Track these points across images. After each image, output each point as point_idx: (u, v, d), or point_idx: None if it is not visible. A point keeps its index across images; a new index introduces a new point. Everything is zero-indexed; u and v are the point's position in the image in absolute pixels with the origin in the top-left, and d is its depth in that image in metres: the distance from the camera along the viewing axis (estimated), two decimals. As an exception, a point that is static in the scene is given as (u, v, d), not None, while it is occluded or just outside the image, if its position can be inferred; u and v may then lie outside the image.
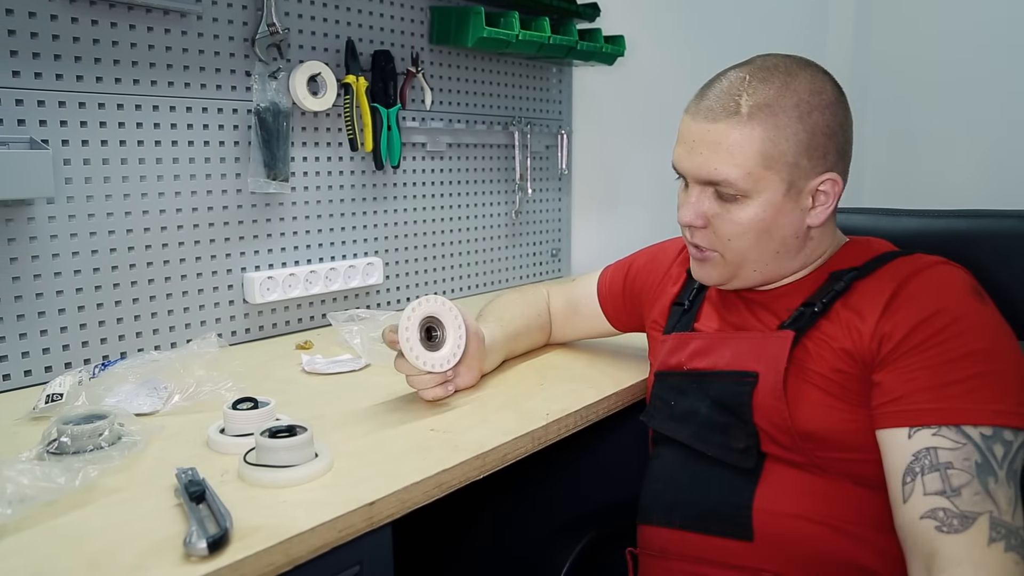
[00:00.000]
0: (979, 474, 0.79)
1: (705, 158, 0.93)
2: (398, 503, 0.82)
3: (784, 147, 0.91)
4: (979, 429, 0.81)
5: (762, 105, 0.90)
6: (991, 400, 0.82)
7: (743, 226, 0.94)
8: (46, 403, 1.03)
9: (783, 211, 0.93)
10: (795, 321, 0.96)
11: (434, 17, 1.72)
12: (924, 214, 1.23)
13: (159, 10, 1.28)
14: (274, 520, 0.75)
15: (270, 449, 0.84)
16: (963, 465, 0.80)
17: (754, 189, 0.92)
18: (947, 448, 0.81)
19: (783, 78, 0.92)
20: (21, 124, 1.15)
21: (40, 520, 0.75)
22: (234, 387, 1.10)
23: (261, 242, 1.48)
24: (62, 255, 1.21)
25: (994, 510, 0.78)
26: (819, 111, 0.92)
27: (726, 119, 0.91)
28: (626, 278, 1.25)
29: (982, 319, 0.87)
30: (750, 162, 0.91)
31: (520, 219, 2.03)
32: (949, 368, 0.84)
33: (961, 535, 0.78)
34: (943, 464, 0.80)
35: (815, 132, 0.91)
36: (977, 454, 0.80)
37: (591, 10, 1.94)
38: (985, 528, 0.77)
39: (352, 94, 1.54)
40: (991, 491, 0.79)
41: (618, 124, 2.34)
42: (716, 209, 0.95)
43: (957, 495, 0.79)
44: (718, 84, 0.95)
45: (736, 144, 0.91)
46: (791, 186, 0.92)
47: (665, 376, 1.07)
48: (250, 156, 1.42)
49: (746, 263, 0.97)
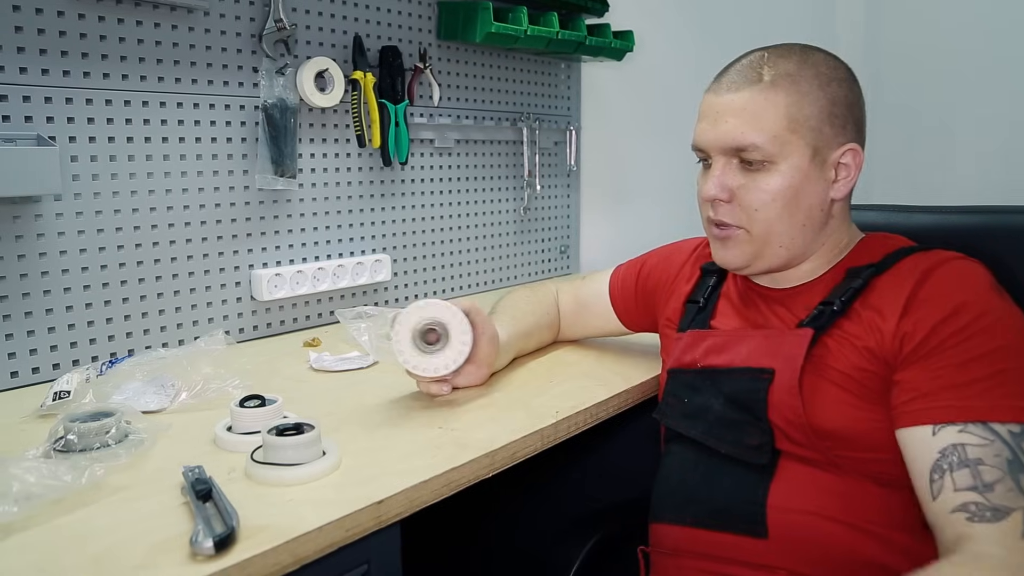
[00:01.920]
0: (1011, 470, 0.78)
1: (731, 125, 0.94)
2: (406, 502, 0.82)
3: (808, 111, 0.92)
4: (1007, 426, 0.79)
5: (784, 74, 0.93)
6: (1016, 396, 0.81)
7: (770, 194, 0.94)
8: (53, 400, 1.02)
9: (809, 178, 0.94)
10: (814, 319, 0.94)
11: (442, 12, 1.71)
12: (937, 210, 1.21)
13: (166, 6, 1.28)
14: (281, 519, 0.74)
15: (277, 447, 0.83)
16: (994, 461, 0.78)
17: (780, 154, 0.92)
18: (975, 444, 0.79)
19: (801, 55, 0.95)
20: (28, 121, 1.14)
21: (46, 518, 0.75)
22: (241, 385, 1.09)
23: (269, 239, 1.47)
24: (69, 252, 1.20)
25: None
26: (837, 83, 0.94)
27: (750, 87, 0.93)
28: (638, 277, 1.24)
29: (1003, 315, 0.86)
30: (776, 126, 0.92)
31: (528, 216, 2.02)
32: (972, 365, 0.83)
33: (994, 524, 0.76)
34: (973, 460, 0.79)
35: (835, 101, 0.94)
36: (1007, 451, 0.78)
37: (600, 5, 1.92)
38: (1019, 522, 0.75)
39: (360, 90, 1.53)
40: (1022, 487, 0.77)
41: (627, 120, 2.33)
42: (741, 180, 0.95)
43: (990, 490, 0.77)
44: (737, 63, 0.98)
45: (762, 108, 0.92)
46: (816, 152, 0.93)
47: (679, 373, 1.06)
48: (257, 153, 1.42)
49: (772, 237, 0.96)
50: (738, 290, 1.07)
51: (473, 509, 1.39)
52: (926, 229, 1.17)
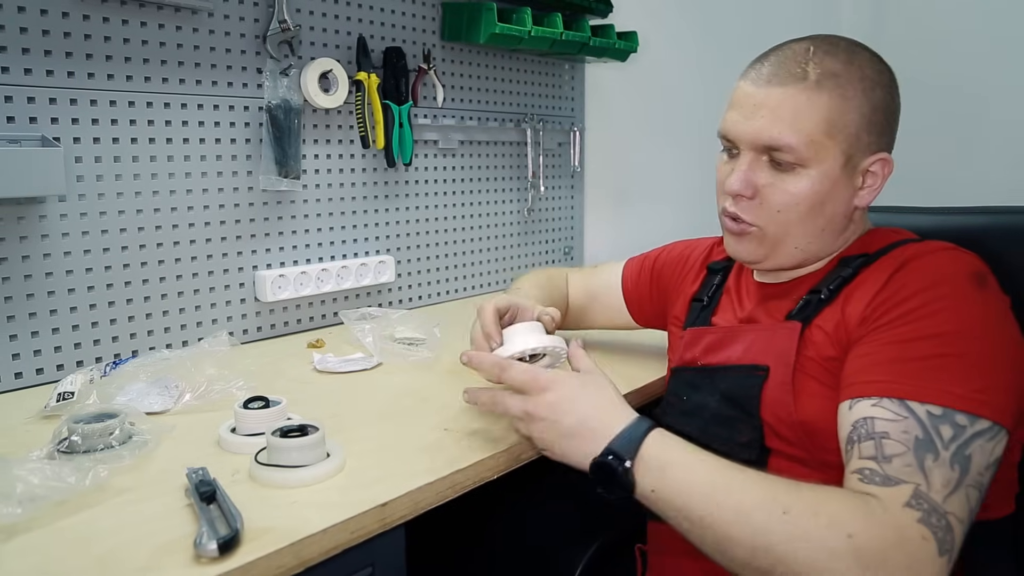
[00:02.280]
0: (916, 449, 0.74)
1: (767, 122, 0.89)
2: (411, 504, 0.81)
3: (849, 118, 0.89)
4: (926, 407, 0.76)
5: (830, 74, 0.88)
6: (948, 382, 0.77)
7: (796, 197, 0.90)
8: (57, 401, 1.02)
9: (837, 186, 0.90)
10: (801, 310, 0.93)
11: (446, 13, 1.71)
12: (941, 211, 1.20)
13: (171, 7, 1.28)
14: (285, 521, 0.74)
15: (281, 449, 0.83)
16: (900, 437, 0.75)
17: (814, 158, 0.89)
18: (885, 419, 0.77)
19: (847, 53, 0.90)
20: (33, 122, 1.14)
21: (50, 520, 0.75)
22: (245, 386, 1.09)
23: (272, 240, 1.47)
24: (74, 253, 1.20)
25: (923, 484, 0.73)
26: (881, 88, 0.90)
27: (793, 84, 0.89)
28: (652, 271, 1.23)
29: (967, 303, 0.82)
30: (814, 129, 0.88)
31: (532, 217, 2.01)
32: (913, 345, 0.80)
33: (882, 488, 0.73)
34: (879, 433, 0.76)
35: (877, 108, 0.90)
36: (919, 429, 0.75)
37: (604, 6, 1.92)
38: (907, 495, 0.72)
39: (364, 91, 1.53)
40: (926, 467, 0.73)
41: (631, 121, 2.32)
42: (768, 179, 0.92)
43: (887, 462, 0.74)
44: (780, 52, 0.93)
45: (802, 109, 0.88)
46: (848, 160, 0.90)
47: (680, 372, 1.06)
48: (261, 154, 1.42)
49: (788, 239, 0.93)
50: (738, 286, 1.06)
51: (478, 511, 1.38)
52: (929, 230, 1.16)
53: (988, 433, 0.76)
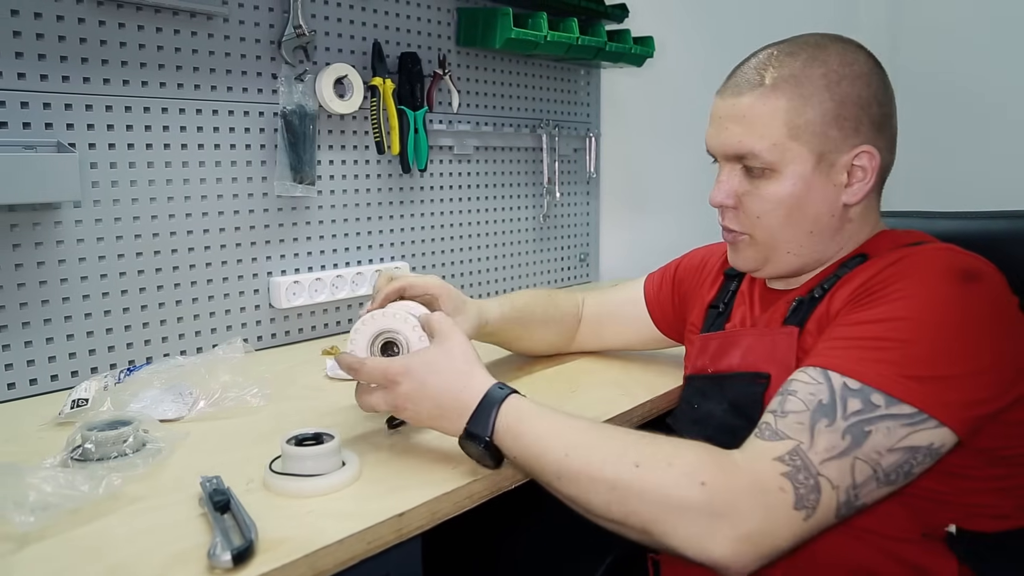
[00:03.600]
0: (815, 410, 0.75)
1: (731, 132, 0.91)
2: (428, 514, 0.80)
3: (810, 116, 0.88)
4: (844, 379, 0.76)
5: (787, 76, 0.89)
6: (879, 362, 0.76)
7: (772, 202, 0.91)
8: (71, 408, 1.02)
9: (814, 186, 0.90)
10: (794, 313, 0.92)
11: (461, 18, 1.70)
12: (960, 216, 1.18)
13: (186, 12, 1.27)
14: (300, 531, 0.73)
15: (296, 457, 0.82)
16: (805, 397, 0.76)
17: (781, 161, 0.89)
18: (802, 381, 0.78)
19: (811, 51, 0.90)
20: (48, 128, 1.14)
21: (62, 529, 0.74)
22: (260, 393, 1.08)
23: (287, 246, 1.46)
24: (88, 259, 1.20)
25: (805, 443, 0.74)
26: (849, 80, 0.89)
27: (750, 91, 0.90)
28: (674, 279, 1.22)
29: (933, 295, 0.79)
30: (775, 133, 0.88)
31: (548, 223, 2.00)
32: (862, 327, 0.80)
33: (764, 441, 0.76)
34: (789, 391, 0.78)
35: (844, 101, 0.88)
36: (827, 395, 0.75)
37: (620, 11, 1.91)
38: (783, 450, 0.74)
39: (379, 96, 1.52)
40: (815, 430, 0.74)
41: (647, 126, 2.31)
42: (746, 187, 0.93)
43: (783, 417, 0.76)
44: (746, 63, 0.95)
45: (760, 115, 0.89)
46: (821, 158, 0.89)
47: (693, 379, 1.06)
48: (276, 159, 1.41)
49: (778, 244, 0.93)
50: (751, 292, 1.05)
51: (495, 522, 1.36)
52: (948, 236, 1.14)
53: (906, 419, 0.74)
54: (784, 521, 0.71)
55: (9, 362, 1.14)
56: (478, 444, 0.83)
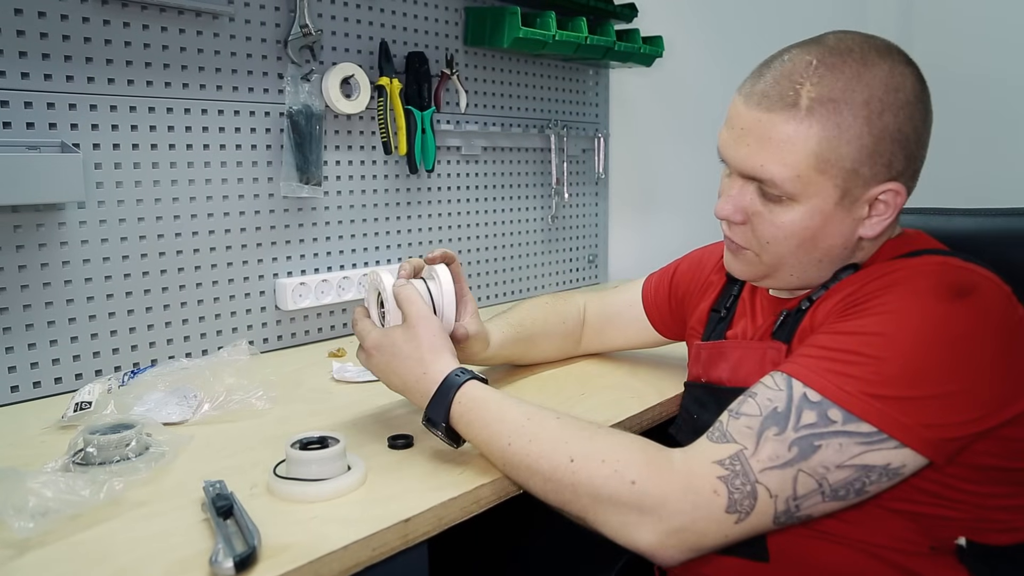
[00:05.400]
0: (767, 417, 0.74)
1: (752, 151, 0.82)
2: (434, 520, 0.78)
3: (843, 151, 0.79)
4: (806, 389, 0.74)
5: (825, 99, 0.79)
6: (844, 377, 0.73)
7: (784, 231, 0.84)
8: (75, 411, 1.01)
9: (832, 221, 0.83)
10: (781, 327, 0.90)
11: (469, 18, 1.69)
12: (979, 213, 1.16)
13: (191, 12, 1.26)
14: (304, 537, 0.71)
15: (301, 461, 0.80)
16: (762, 402, 0.76)
17: (803, 193, 0.81)
18: (764, 385, 0.78)
19: (856, 68, 0.79)
20: (52, 128, 1.13)
21: (63, 535, 0.72)
22: (265, 396, 1.07)
23: (293, 247, 1.45)
24: (93, 260, 1.19)
25: (748, 450, 0.73)
26: (892, 112, 0.79)
27: (782, 110, 0.80)
28: (672, 282, 1.20)
29: (915, 311, 0.75)
30: (801, 164, 0.80)
31: (556, 224, 1.98)
32: (836, 338, 0.78)
33: (710, 443, 0.76)
34: (750, 394, 0.78)
35: (882, 137, 0.80)
36: (783, 404, 0.74)
37: (628, 10, 1.89)
38: (724, 453, 0.74)
39: (386, 96, 1.51)
40: (762, 437, 0.73)
41: (656, 127, 2.29)
42: (757, 207, 0.85)
43: (736, 418, 0.76)
44: (779, 64, 0.83)
45: (788, 141, 0.79)
46: (845, 194, 0.81)
47: (691, 387, 1.04)
48: (282, 160, 1.40)
49: (783, 267, 0.88)
50: (754, 299, 1.02)
51: (502, 527, 1.35)
52: (966, 233, 1.12)
53: (863, 437, 0.72)
54: (713, 522, 0.73)
55: (12, 364, 1.13)
56: (436, 427, 0.88)
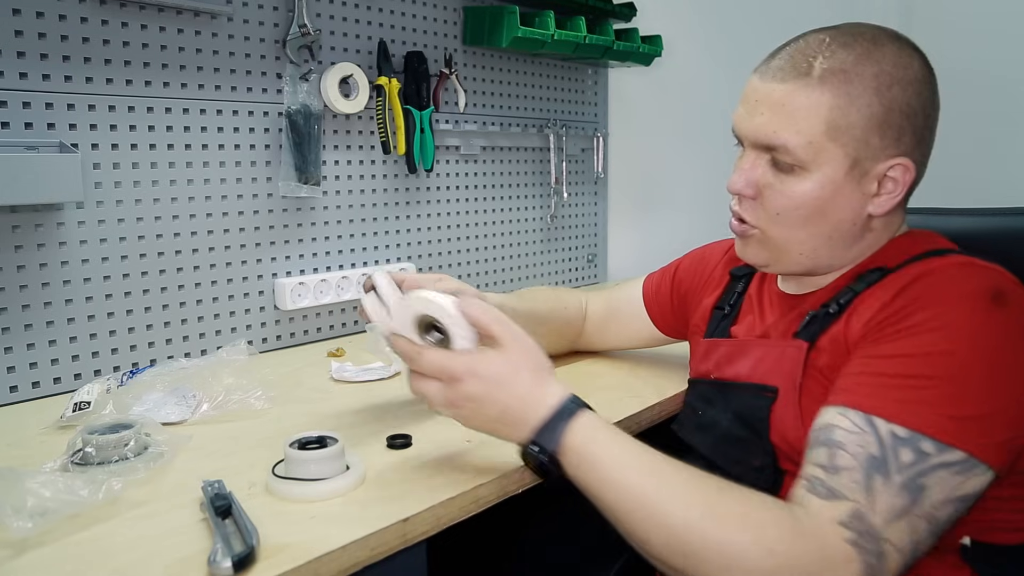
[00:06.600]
0: (867, 466, 0.71)
1: (765, 120, 0.85)
2: (433, 519, 0.78)
3: (854, 118, 0.82)
4: (891, 426, 0.71)
5: (837, 70, 0.82)
6: (924, 404, 0.72)
7: (795, 201, 0.85)
8: (73, 411, 1.01)
9: (842, 191, 0.84)
10: (807, 327, 0.89)
11: (467, 17, 1.69)
12: (978, 212, 1.15)
13: (189, 11, 1.26)
14: (303, 537, 0.71)
15: (299, 461, 0.80)
16: (854, 451, 0.72)
17: (814, 161, 0.83)
18: (845, 429, 0.73)
19: (867, 45, 0.83)
20: (51, 128, 1.13)
21: (61, 535, 0.72)
22: (264, 396, 1.07)
23: (292, 247, 1.45)
24: (91, 260, 1.19)
25: (864, 505, 0.69)
26: (900, 86, 0.82)
27: (795, 79, 0.83)
28: (673, 280, 1.20)
29: (970, 324, 0.75)
30: (814, 129, 0.82)
31: (555, 223, 1.98)
32: (898, 361, 0.75)
33: (821, 500, 0.71)
34: (835, 443, 0.73)
35: (892, 108, 0.82)
36: (876, 447, 0.71)
37: (627, 10, 1.89)
38: (844, 512, 0.69)
39: (384, 96, 1.51)
40: (873, 488, 0.70)
41: (655, 126, 2.29)
42: (770, 179, 0.87)
43: (835, 473, 0.71)
44: (793, 44, 0.87)
45: (801, 108, 0.82)
46: (855, 164, 0.83)
47: (696, 383, 1.03)
48: (281, 159, 1.40)
49: (791, 245, 0.88)
50: (760, 295, 1.02)
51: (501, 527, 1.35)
52: (965, 233, 1.11)
53: (958, 466, 0.70)
54: None
55: (11, 364, 1.13)
56: (541, 456, 0.78)
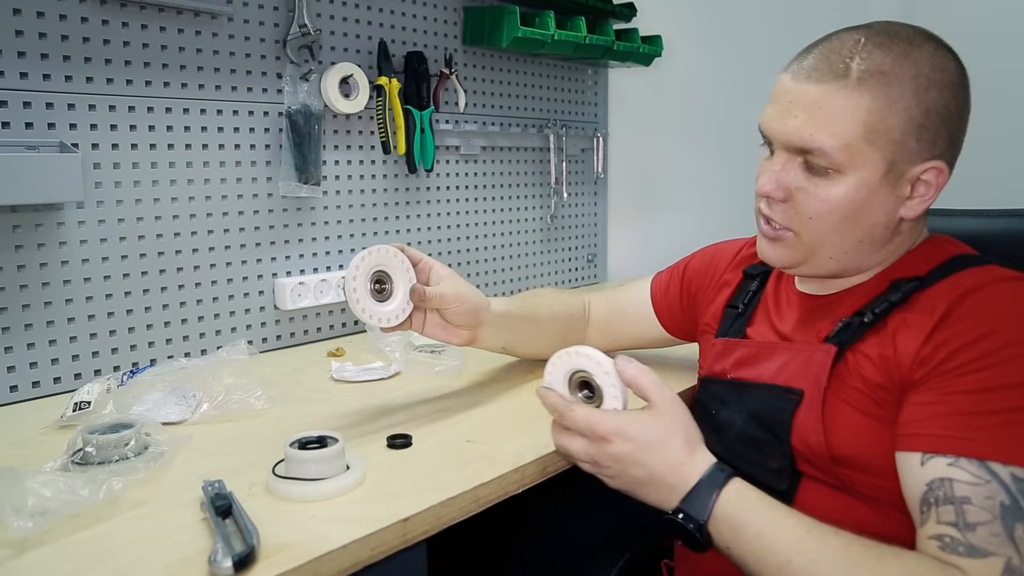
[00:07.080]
0: (1004, 516, 0.69)
1: (801, 122, 0.83)
2: (433, 519, 0.78)
3: (892, 122, 0.81)
4: (1010, 469, 0.70)
5: (875, 71, 0.80)
6: None
7: (829, 205, 0.84)
8: (74, 411, 1.01)
9: (877, 195, 0.83)
10: (840, 333, 0.88)
11: (468, 17, 1.69)
12: (983, 214, 1.16)
13: (190, 11, 1.26)
14: (303, 536, 0.71)
15: (300, 461, 0.80)
16: (984, 503, 0.70)
17: (849, 164, 0.82)
18: (965, 482, 0.71)
19: (904, 47, 0.82)
20: (51, 128, 1.13)
21: (61, 534, 0.72)
22: (264, 395, 1.07)
23: (292, 247, 1.45)
24: (92, 260, 1.19)
25: (1015, 557, 0.68)
26: (938, 89, 0.81)
27: (833, 81, 0.81)
28: (683, 279, 1.18)
29: None
30: (851, 132, 0.81)
31: (555, 224, 1.98)
32: (987, 397, 0.74)
33: (968, 559, 0.69)
34: (959, 498, 0.71)
35: (930, 111, 0.81)
36: (1004, 494, 0.69)
37: (627, 10, 1.89)
38: (997, 569, 0.68)
39: (385, 96, 1.51)
40: (1017, 538, 0.68)
41: (655, 126, 2.29)
42: (802, 182, 0.85)
43: (971, 530, 0.69)
44: (826, 43, 0.85)
45: (839, 110, 0.81)
46: (891, 167, 0.82)
47: (709, 383, 1.02)
48: (281, 159, 1.40)
49: (823, 248, 0.87)
50: (776, 296, 1.01)
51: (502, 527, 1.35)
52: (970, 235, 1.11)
53: None
54: None
55: (11, 364, 1.13)
56: (689, 525, 0.77)
